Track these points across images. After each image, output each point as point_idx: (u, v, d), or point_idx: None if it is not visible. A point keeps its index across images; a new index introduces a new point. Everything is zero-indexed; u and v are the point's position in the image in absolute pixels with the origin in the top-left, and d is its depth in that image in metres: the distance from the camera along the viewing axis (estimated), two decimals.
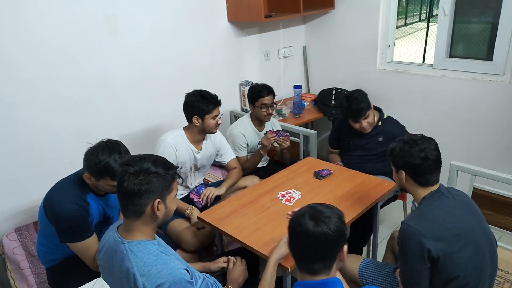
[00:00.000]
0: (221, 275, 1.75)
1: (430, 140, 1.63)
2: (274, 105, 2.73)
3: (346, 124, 2.65)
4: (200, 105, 2.28)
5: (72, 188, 1.74)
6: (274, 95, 2.71)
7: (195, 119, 2.31)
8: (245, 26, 3.34)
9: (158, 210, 1.33)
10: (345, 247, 1.27)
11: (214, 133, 2.42)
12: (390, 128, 2.59)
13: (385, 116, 2.66)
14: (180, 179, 1.45)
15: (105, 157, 1.64)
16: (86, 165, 1.68)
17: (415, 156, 1.57)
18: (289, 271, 1.62)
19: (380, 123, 2.62)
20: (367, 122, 2.53)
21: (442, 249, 1.47)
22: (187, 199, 2.38)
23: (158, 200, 1.33)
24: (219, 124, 2.37)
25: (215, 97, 2.34)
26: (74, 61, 2.44)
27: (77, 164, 1.77)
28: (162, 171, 1.33)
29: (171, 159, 2.26)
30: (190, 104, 2.30)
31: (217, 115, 2.34)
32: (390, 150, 1.69)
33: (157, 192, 1.32)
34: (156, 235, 1.43)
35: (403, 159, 1.61)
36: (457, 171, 2.21)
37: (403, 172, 1.63)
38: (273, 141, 2.56)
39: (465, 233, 1.51)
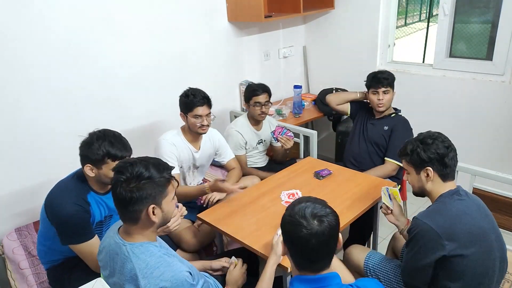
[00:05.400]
0: (221, 275, 1.74)
1: (443, 135, 1.64)
2: (270, 104, 2.72)
3: (365, 108, 2.81)
4: (182, 103, 2.28)
5: (72, 188, 1.74)
6: (269, 94, 2.70)
7: (182, 116, 2.31)
8: (245, 26, 3.34)
9: (154, 215, 1.31)
10: (339, 233, 1.25)
11: (200, 133, 2.33)
12: (398, 124, 2.64)
13: (400, 113, 2.72)
14: (176, 182, 1.40)
15: (101, 141, 1.66)
16: (85, 156, 1.68)
17: (440, 146, 1.57)
18: (289, 271, 1.62)
19: (393, 115, 2.68)
20: (384, 97, 2.59)
21: (454, 248, 1.46)
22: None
23: (152, 206, 1.30)
24: (204, 125, 2.27)
25: (199, 96, 2.24)
26: (74, 61, 2.44)
27: (78, 164, 1.76)
28: (156, 175, 1.30)
29: (174, 156, 2.27)
30: (179, 101, 2.31)
31: (200, 116, 2.23)
32: (409, 150, 1.63)
33: (150, 198, 1.29)
34: (157, 236, 1.42)
35: (429, 152, 1.57)
36: (457, 171, 2.21)
37: (430, 168, 1.58)
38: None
39: (479, 235, 1.51)
